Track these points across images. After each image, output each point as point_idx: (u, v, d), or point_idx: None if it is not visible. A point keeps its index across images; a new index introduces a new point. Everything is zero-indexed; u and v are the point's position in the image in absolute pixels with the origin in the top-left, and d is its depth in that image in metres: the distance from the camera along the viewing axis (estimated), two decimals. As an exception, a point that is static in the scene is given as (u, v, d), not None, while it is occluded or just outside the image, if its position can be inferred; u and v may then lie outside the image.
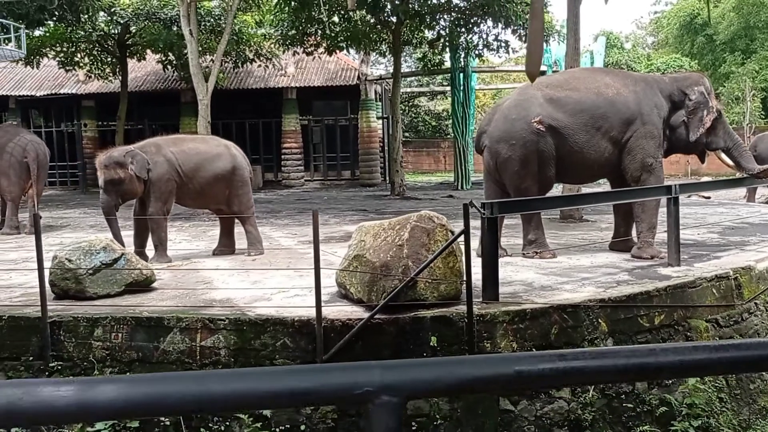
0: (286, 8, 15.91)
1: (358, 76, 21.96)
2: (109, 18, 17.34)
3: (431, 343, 5.02)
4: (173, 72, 21.00)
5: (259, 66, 20.70)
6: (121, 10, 16.64)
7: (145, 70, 22.62)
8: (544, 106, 7.07)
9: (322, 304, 5.08)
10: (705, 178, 21.26)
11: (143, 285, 6.17)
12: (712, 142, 7.70)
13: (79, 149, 22.70)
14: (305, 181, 22.68)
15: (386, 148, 23.83)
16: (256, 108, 22.39)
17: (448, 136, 31.24)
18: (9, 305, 5.76)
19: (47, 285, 5.82)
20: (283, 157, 22.29)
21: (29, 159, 10.93)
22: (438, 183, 23.34)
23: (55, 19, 15.91)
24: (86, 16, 15.33)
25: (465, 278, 5.08)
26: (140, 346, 5.22)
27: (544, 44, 17.94)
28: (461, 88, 20.49)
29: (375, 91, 22.82)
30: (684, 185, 7.40)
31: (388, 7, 15.78)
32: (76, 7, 14.54)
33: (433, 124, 32.59)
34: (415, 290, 5.11)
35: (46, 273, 5.58)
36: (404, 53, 24.58)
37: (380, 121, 23.28)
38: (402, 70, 20.02)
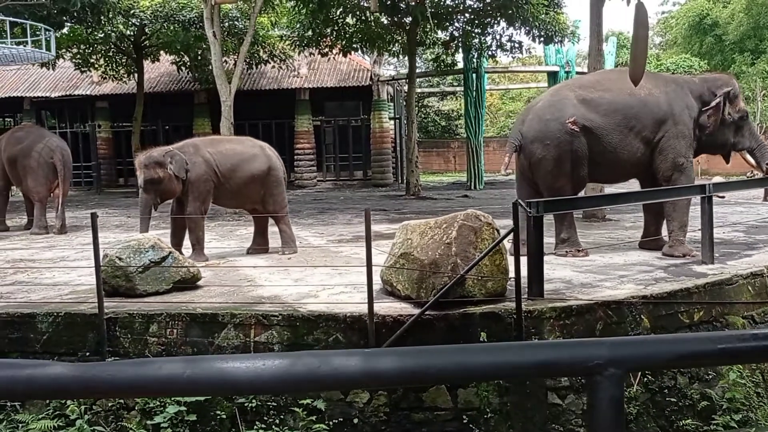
0: (304, 10, 16.04)
1: (371, 77, 22.09)
2: (126, 20, 17.47)
3: (480, 339, 5.15)
4: (187, 73, 21.15)
5: (273, 67, 20.84)
6: (140, 12, 16.77)
7: (158, 71, 22.77)
8: (577, 106, 7.19)
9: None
10: (716, 178, 21.35)
11: (190, 283, 6.31)
12: (738, 143, 7.83)
13: (94, 150, 22.84)
14: (318, 181, 22.81)
15: (398, 148, 23.97)
16: (269, 109, 22.52)
17: (458, 136, 31.39)
18: (63, 302, 5.89)
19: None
20: (295, 157, 22.42)
21: (56, 160, 11.06)
22: (450, 183, 23.47)
23: (74, 21, 16.06)
24: (106, 18, 15.46)
25: (514, 275, 5.22)
26: (195, 342, 5.36)
27: (563, 44, 18.08)
28: (474, 88, 20.62)
29: (387, 92, 22.95)
30: (717, 184, 7.51)
31: (405, 7, 15.90)
32: (98, 9, 14.67)
33: (443, 124, 32.73)
34: (463, 287, 5.24)
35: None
36: (416, 54, 24.66)
37: (392, 122, 23.41)
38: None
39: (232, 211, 12.21)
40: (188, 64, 20.10)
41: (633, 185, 9.24)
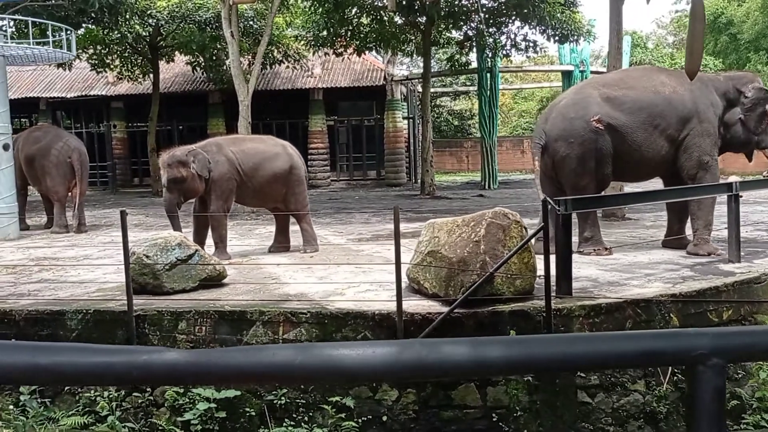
0: (320, 9, 16.06)
1: (385, 77, 22.09)
2: (142, 20, 17.54)
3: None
4: (202, 73, 21.23)
5: (287, 67, 20.88)
6: (156, 12, 16.84)
7: (173, 71, 22.86)
8: (602, 105, 7.16)
9: (394, 298, 5.22)
10: (732, 177, 21.20)
11: (216, 280, 6.33)
12: (762, 141, 7.77)
13: (109, 150, 23.00)
14: (331, 181, 22.84)
15: (411, 148, 23.96)
16: (283, 109, 22.58)
17: (471, 136, 31.33)
18: (91, 300, 5.92)
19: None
20: (309, 157, 22.43)
21: (73, 159, 11.12)
22: (464, 183, 23.43)
23: (92, 21, 16.14)
24: (123, 18, 15.54)
25: (542, 273, 5.20)
26: (224, 339, 5.38)
27: (578, 43, 18.01)
28: (488, 88, 20.57)
29: (401, 92, 22.95)
30: (743, 183, 7.46)
31: (421, 7, 15.88)
32: (115, 10, 14.74)
33: (456, 123, 32.67)
34: (492, 285, 5.23)
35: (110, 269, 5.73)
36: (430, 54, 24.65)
37: (406, 122, 23.41)
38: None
39: (250, 210, 12.26)
40: (203, 64, 20.18)
41: (647, 185, 9.20)
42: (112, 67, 20.26)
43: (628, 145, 7.15)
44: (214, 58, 19.65)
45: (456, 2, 16.86)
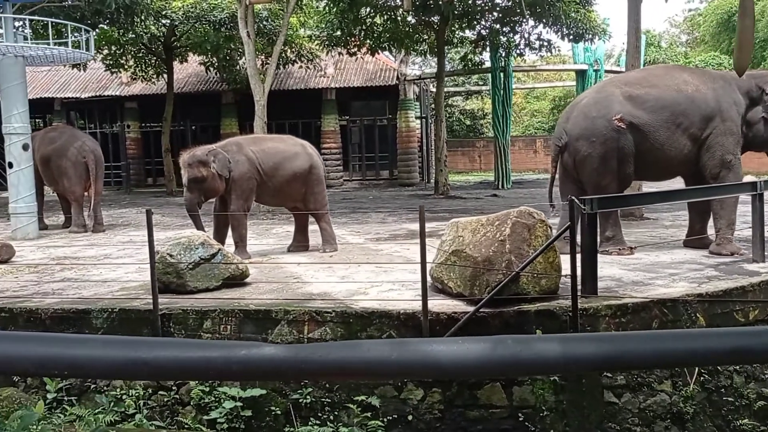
0: (334, 9, 16.08)
1: (397, 77, 22.08)
2: (157, 21, 17.63)
3: (536, 336, 5.11)
4: (215, 74, 21.30)
5: (300, 67, 20.92)
6: (172, 13, 16.91)
7: (186, 72, 22.96)
8: (624, 103, 7.13)
9: (419, 298, 5.22)
10: (748, 177, 21.07)
11: (238, 279, 6.34)
12: (785, 140, 7.70)
13: (123, 150, 23.11)
14: (344, 180, 22.85)
15: (424, 147, 23.93)
16: (295, 109, 22.61)
17: (483, 136, 31.27)
18: (115, 298, 5.95)
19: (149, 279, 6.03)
20: (322, 157, 22.43)
21: (88, 160, 11.16)
22: (477, 182, 23.38)
23: (107, 22, 16.23)
24: (140, 19, 15.62)
25: (567, 272, 5.18)
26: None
27: (593, 42, 17.93)
28: (501, 87, 20.54)
29: (413, 91, 22.93)
30: None
31: (436, 5, 15.87)
32: (131, 11, 14.82)
33: (468, 123, 32.63)
34: (517, 284, 5.21)
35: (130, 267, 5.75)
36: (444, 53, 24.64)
37: (418, 121, 23.39)
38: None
39: (266, 209, 12.28)
40: (216, 64, 20.25)
41: (661, 185, 9.15)
42: (126, 67, 20.36)
43: (650, 143, 7.11)
44: (228, 58, 19.73)
45: (470, 1, 16.83)
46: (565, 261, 5.42)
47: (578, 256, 5.24)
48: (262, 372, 0.95)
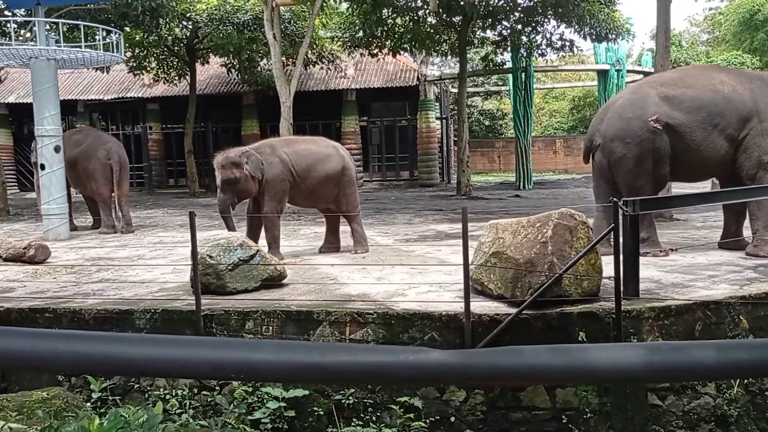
0: (357, 10, 16.12)
1: (418, 77, 22.10)
2: (180, 23, 17.78)
3: (579, 338, 5.10)
4: (236, 75, 21.44)
5: (321, 68, 21.00)
6: (196, 15, 17.04)
7: (207, 73, 23.13)
8: (660, 104, 7.09)
9: (459, 300, 5.23)
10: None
11: (276, 281, 6.38)
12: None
13: (145, 151, 23.32)
14: (364, 181, 22.88)
15: (444, 148, 23.93)
16: (316, 110, 22.69)
17: (502, 136, 31.19)
18: (157, 299, 6.02)
19: (189, 281, 6.10)
20: (343, 158, 22.52)
21: (113, 162, 11.27)
22: (498, 183, 23.34)
23: (132, 25, 16.39)
24: (165, 21, 15.75)
25: (609, 275, 5.17)
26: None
27: (616, 42, 17.84)
28: (522, 87, 20.49)
29: (434, 92, 22.94)
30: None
31: (459, 5, 15.86)
32: (157, 13, 14.96)
33: (487, 123, 32.57)
34: (560, 286, 5.21)
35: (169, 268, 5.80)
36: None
37: (439, 122, 23.39)
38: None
39: (292, 210, 12.34)
40: (237, 66, 20.38)
41: (683, 186, 9.08)
42: (148, 69, 20.55)
43: (686, 144, 7.07)
44: (249, 60, 19.84)
45: (493, 1, 16.81)
46: (605, 262, 5.41)
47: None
48: (428, 377, 0.97)
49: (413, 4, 17.04)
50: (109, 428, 2.69)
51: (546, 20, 17.80)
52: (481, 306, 5.39)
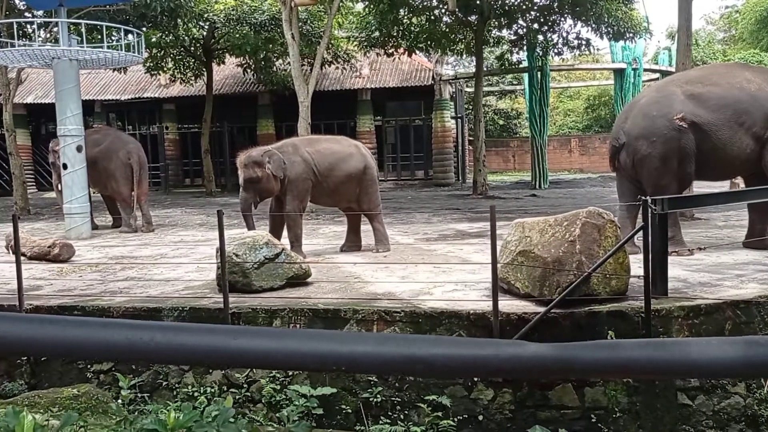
0: (374, 10, 16.14)
1: (433, 77, 22.08)
2: (197, 23, 17.87)
3: (608, 337, 5.08)
4: (252, 75, 21.51)
5: (336, 68, 21.03)
6: (213, 15, 17.13)
7: (223, 73, 23.22)
8: (685, 102, 7.05)
9: (485, 298, 5.22)
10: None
11: (301, 279, 6.41)
12: None
13: (161, 151, 23.45)
14: (379, 180, 22.90)
15: (458, 147, 23.89)
16: (331, 109, 22.71)
17: (517, 135, 31.10)
18: (183, 297, 6.06)
19: (214, 279, 6.15)
20: (359, 157, 22.53)
21: (132, 161, 11.35)
22: (513, 182, 23.27)
23: (151, 25, 16.49)
24: (183, 21, 15.84)
25: (637, 274, 5.15)
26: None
27: (633, 41, 17.74)
28: (538, 86, 20.43)
29: (449, 91, 22.91)
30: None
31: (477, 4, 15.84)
32: (175, 14, 15.04)
33: (501, 123, 32.49)
34: (588, 285, 5.19)
35: (195, 266, 5.84)
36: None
37: (453, 121, 23.36)
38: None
39: (310, 209, 12.37)
40: (253, 66, 20.45)
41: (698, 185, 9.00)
42: (165, 69, 20.67)
43: (712, 143, 7.02)
44: (265, 59, 19.91)
45: (508, 0, 16.77)
46: (633, 261, 5.40)
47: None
48: (527, 369, 0.98)
49: (429, 4, 17.02)
50: (185, 421, 2.72)
51: (563, 19, 17.73)
52: (508, 304, 5.38)
